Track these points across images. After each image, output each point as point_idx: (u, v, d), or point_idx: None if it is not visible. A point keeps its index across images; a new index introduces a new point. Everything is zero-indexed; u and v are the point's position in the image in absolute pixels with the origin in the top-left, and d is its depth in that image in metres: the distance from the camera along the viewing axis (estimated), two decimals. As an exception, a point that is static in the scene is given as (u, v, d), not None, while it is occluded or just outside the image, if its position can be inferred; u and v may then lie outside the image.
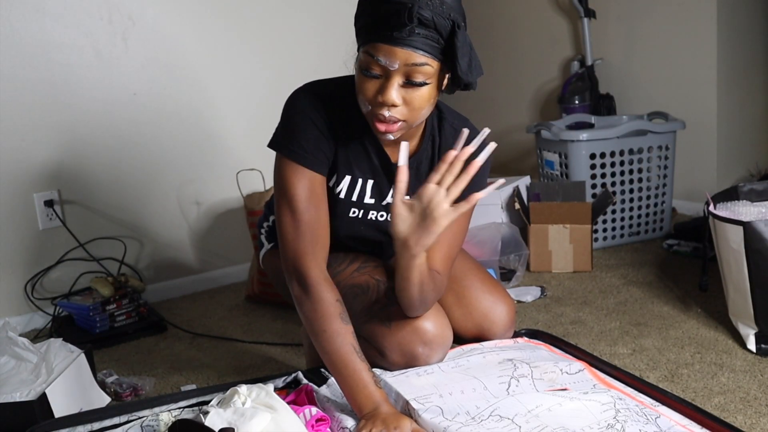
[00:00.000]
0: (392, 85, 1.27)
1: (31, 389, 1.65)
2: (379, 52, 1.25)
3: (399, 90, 1.27)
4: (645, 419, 1.26)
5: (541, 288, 2.53)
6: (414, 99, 1.29)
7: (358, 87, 1.31)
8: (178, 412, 1.41)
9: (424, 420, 1.28)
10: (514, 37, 4.16)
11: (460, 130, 1.48)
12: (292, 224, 1.40)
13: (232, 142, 2.86)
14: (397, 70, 1.26)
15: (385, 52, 1.24)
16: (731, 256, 1.94)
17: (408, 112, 1.30)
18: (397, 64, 1.25)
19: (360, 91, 1.31)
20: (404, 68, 1.25)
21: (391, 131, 1.31)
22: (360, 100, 1.32)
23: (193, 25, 2.74)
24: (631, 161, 2.97)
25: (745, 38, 3.28)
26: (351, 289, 1.52)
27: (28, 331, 2.50)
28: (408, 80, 1.27)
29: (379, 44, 1.25)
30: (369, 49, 1.26)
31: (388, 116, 1.29)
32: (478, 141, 1.29)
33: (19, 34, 2.44)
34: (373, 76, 1.28)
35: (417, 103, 1.29)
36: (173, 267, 2.81)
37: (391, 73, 1.26)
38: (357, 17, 1.32)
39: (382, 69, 1.26)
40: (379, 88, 1.28)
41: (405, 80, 1.27)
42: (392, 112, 1.29)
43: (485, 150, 1.30)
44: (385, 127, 1.31)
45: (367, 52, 1.27)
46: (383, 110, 1.29)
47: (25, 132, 2.47)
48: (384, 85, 1.27)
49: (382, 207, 1.51)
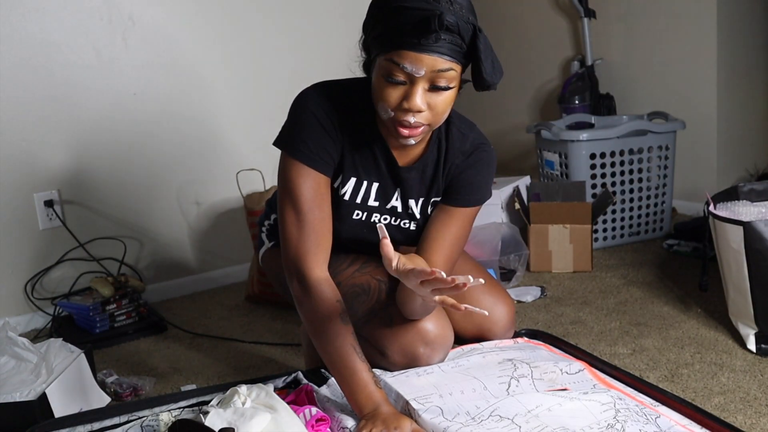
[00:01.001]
0: (418, 91, 1.26)
1: (31, 389, 1.65)
2: (405, 60, 1.24)
3: (424, 95, 1.27)
4: (645, 419, 1.26)
5: (541, 288, 2.53)
6: (438, 104, 1.29)
7: (380, 94, 1.29)
8: (178, 412, 1.41)
9: (424, 420, 1.28)
10: (515, 37, 4.16)
11: (466, 134, 1.48)
12: (295, 224, 1.40)
13: (232, 141, 2.86)
14: (422, 77, 1.25)
15: (411, 60, 1.23)
16: (731, 256, 1.94)
17: (432, 117, 1.30)
18: (424, 71, 1.24)
19: (382, 98, 1.29)
20: (430, 74, 1.25)
21: (414, 135, 1.31)
22: (381, 106, 1.31)
23: (193, 25, 2.74)
24: (631, 161, 2.97)
25: (745, 38, 3.28)
26: (352, 289, 1.52)
27: (28, 331, 2.50)
28: (433, 85, 1.27)
29: (405, 51, 1.23)
30: (393, 57, 1.25)
31: (413, 122, 1.29)
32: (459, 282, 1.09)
33: (19, 34, 2.44)
34: (397, 83, 1.27)
35: (440, 108, 1.30)
36: (173, 267, 2.81)
37: (416, 80, 1.26)
38: (372, 25, 1.30)
39: (407, 76, 1.26)
40: (404, 94, 1.27)
41: (430, 86, 1.27)
42: (417, 118, 1.28)
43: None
44: (408, 131, 1.30)
45: (390, 59, 1.25)
46: (408, 116, 1.28)
47: (25, 132, 2.48)
48: (409, 92, 1.26)
49: (386, 210, 1.51)
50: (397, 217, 1.52)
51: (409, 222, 1.52)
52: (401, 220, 1.52)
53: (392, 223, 1.52)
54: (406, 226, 1.52)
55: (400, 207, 1.51)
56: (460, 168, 1.48)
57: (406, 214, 1.51)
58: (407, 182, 1.48)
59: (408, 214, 1.51)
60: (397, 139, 1.34)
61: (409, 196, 1.50)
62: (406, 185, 1.48)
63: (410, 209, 1.51)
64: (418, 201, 1.50)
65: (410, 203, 1.50)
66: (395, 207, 1.50)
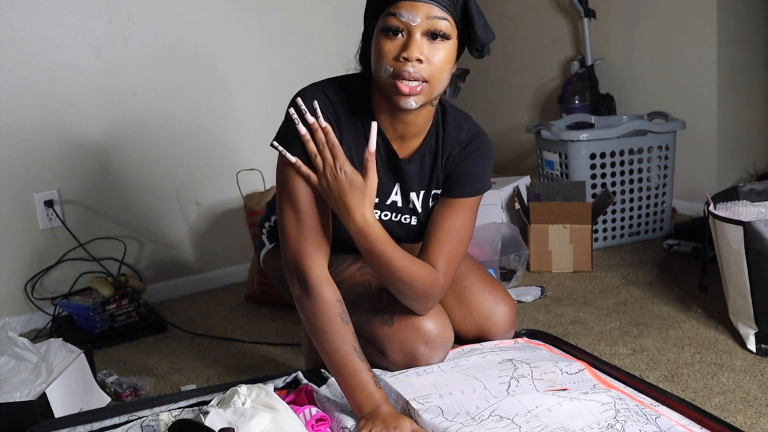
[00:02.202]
0: (416, 39, 1.30)
1: (31, 389, 1.65)
2: (402, 8, 1.29)
3: (422, 45, 1.30)
4: (645, 419, 1.26)
5: (541, 288, 2.53)
6: (435, 55, 1.31)
7: (379, 52, 1.32)
8: (178, 412, 1.41)
9: (424, 420, 1.28)
10: (514, 37, 4.16)
11: (462, 125, 1.48)
12: (294, 223, 1.40)
13: (232, 142, 2.86)
14: (418, 25, 1.29)
15: (407, 7, 1.29)
16: (731, 256, 1.94)
17: (430, 71, 1.31)
18: (420, 18, 1.29)
19: (382, 55, 1.32)
20: (426, 22, 1.29)
21: (413, 94, 1.31)
22: (380, 65, 1.32)
23: (193, 25, 2.74)
24: (631, 161, 2.97)
25: (745, 38, 3.28)
26: (353, 288, 1.52)
27: (28, 331, 2.50)
28: (430, 33, 1.30)
29: (401, 2, 1.29)
30: (390, 9, 1.30)
31: (412, 72, 1.30)
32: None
33: (19, 34, 2.44)
34: (395, 32, 1.30)
35: (437, 61, 1.31)
36: (173, 267, 2.81)
37: (413, 29, 1.29)
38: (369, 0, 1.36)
39: (404, 25, 1.30)
40: (402, 46, 1.30)
41: (427, 34, 1.30)
42: (416, 68, 1.30)
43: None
44: (408, 88, 1.31)
45: (387, 13, 1.30)
46: (407, 66, 1.30)
47: (25, 132, 2.47)
48: (407, 42, 1.30)
49: (386, 206, 1.51)
50: (397, 213, 1.51)
51: (410, 217, 1.52)
52: (402, 215, 1.52)
53: (393, 219, 1.52)
54: (407, 221, 1.52)
55: (401, 201, 1.51)
56: (458, 159, 1.48)
57: (407, 209, 1.51)
58: (407, 174, 1.47)
59: (409, 208, 1.51)
60: (397, 102, 1.33)
61: (410, 189, 1.50)
62: (406, 177, 1.48)
63: (411, 203, 1.51)
64: (419, 194, 1.50)
65: (411, 196, 1.50)
66: (395, 202, 1.50)
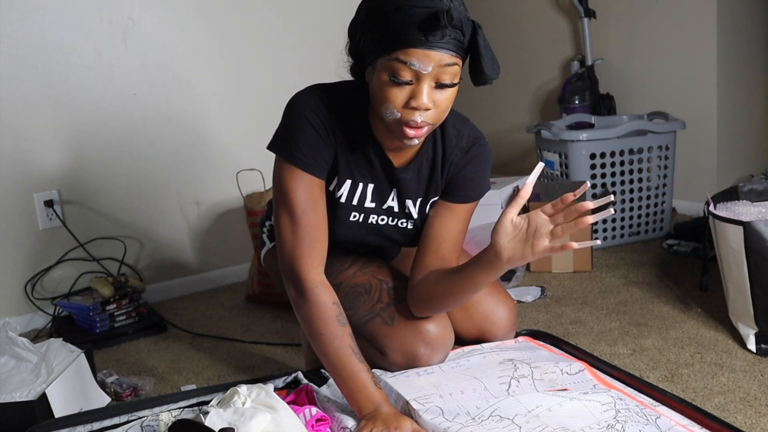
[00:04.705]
0: (425, 89, 1.25)
1: (31, 389, 1.65)
2: (413, 57, 1.23)
3: (430, 93, 1.26)
4: (645, 419, 1.26)
5: (541, 288, 2.53)
6: (442, 101, 1.28)
7: (384, 96, 1.27)
8: (178, 412, 1.40)
9: (424, 420, 1.28)
10: (514, 37, 4.16)
11: (461, 130, 1.48)
12: (290, 228, 1.40)
13: (232, 142, 2.86)
14: (429, 74, 1.24)
15: (419, 57, 1.23)
16: (731, 256, 1.94)
17: (436, 115, 1.29)
18: (431, 67, 1.23)
19: (387, 99, 1.27)
20: (437, 70, 1.24)
21: (419, 136, 1.30)
22: (386, 108, 1.28)
23: (193, 25, 2.74)
24: (631, 161, 2.97)
25: (745, 38, 3.28)
26: (353, 289, 1.52)
27: (28, 331, 2.50)
28: (438, 83, 1.26)
29: (412, 49, 1.22)
30: (399, 56, 1.23)
31: (420, 122, 1.27)
32: (600, 202, 1.24)
33: (19, 34, 2.44)
34: (403, 83, 1.25)
35: (444, 105, 1.29)
36: (173, 267, 2.81)
37: (423, 77, 1.25)
38: (368, 27, 1.28)
39: (413, 74, 1.25)
40: (410, 94, 1.26)
41: (435, 83, 1.26)
42: (424, 117, 1.27)
43: (602, 212, 1.23)
44: (414, 132, 1.29)
45: (396, 59, 1.24)
46: (415, 116, 1.27)
47: (25, 132, 2.48)
48: (417, 91, 1.25)
49: (382, 211, 1.50)
50: (394, 218, 1.51)
51: (406, 222, 1.52)
52: (398, 220, 1.52)
53: (389, 223, 1.52)
54: (403, 225, 1.52)
55: (397, 207, 1.51)
56: (459, 165, 1.48)
57: (403, 214, 1.51)
58: (404, 183, 1.47)
59: (405, 213, 1.51)
60: (402, 141, 1.32)
61: (406, 197, 1.49)
62: (402, 186, 1.48)
63: (407, 209, 1.51)
64: (415, 201, 1.50)
65: (407, 203, 1.50)
66: (392, 207, 1.50)
